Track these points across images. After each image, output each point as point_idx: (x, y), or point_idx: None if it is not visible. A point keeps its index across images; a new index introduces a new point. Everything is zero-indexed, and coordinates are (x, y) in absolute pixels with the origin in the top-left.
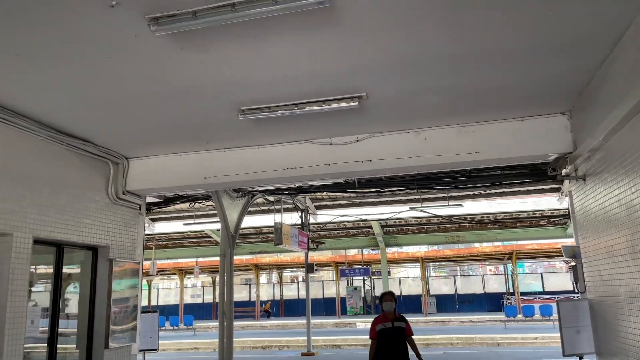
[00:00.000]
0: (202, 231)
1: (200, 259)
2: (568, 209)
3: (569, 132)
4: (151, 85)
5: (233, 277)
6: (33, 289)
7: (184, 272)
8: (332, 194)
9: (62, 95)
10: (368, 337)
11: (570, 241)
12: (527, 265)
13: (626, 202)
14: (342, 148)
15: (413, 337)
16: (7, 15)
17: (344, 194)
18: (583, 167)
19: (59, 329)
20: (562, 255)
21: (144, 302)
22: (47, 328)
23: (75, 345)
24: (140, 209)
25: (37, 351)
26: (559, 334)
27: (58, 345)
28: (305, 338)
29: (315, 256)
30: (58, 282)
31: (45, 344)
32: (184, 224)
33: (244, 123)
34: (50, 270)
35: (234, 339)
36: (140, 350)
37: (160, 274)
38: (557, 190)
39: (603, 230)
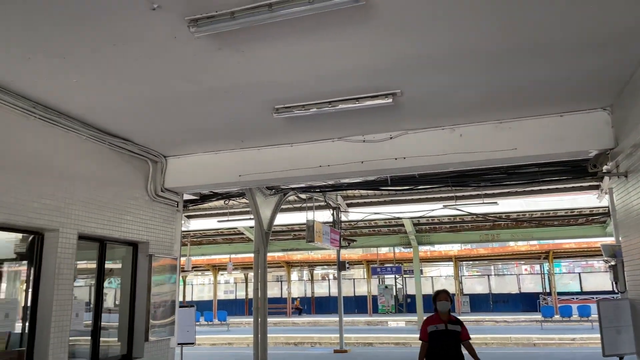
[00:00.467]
0: (235, 228)
1: (233, 256)
2: (608, 206)
3: (610, 127)
4: (189, 85)
5: (267, 273)
6: (74, 283)
7: (217, 268)
8: (363, 192)
9: (105, 95)
10: (418, 337)
11: (610, 240)
12: (563, 265)
13: None
14: (375, 145)
15: (470, 341)
16: (55, 20)
17: (376, 191)
18: (625, 164)
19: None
20: (600, 255)
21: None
22: (90, 321)
23: (116, 338)
24: (177, 206)
25: (81, 343)
26: (598, 335)
27: (100, 338)
28: (337, 335)
29: (347, 254)
30: (101, 277)
31: (89, 337)
32: (218, 221)
33: (278, 121)
34: (89, 265)
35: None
36: (178, 344)
37: (195, 270)
38: (597, 187)
39: None
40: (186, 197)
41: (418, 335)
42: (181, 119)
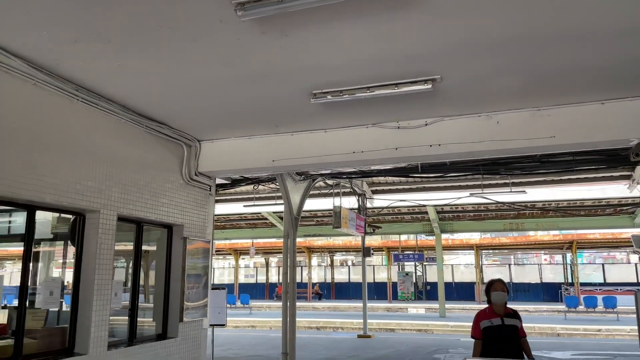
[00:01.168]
0: (259, 213)
1: (255, 240)
2: (639, 197)
3: None
4: (229, 70)
5: (296, 257)
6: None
7: (239, 252)
8: (389, 179)
9: (145, 79)
10: (470, 335)
11: (639, 231)
12: (585, 256)
13: None
14: (410, 132)
15: (526, 338)
16: (105, 2)
17: (402, 178)
18: None
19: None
20: (626, 246)
21: None
22: (127, 302)
23: (152, 319)
24: (210, 190)
25: (119, 323)
26: (623, 327)
27: (137, 318)
28: (358, 320)
29: (367, 241)
30: (138, 258)
31: (126, 316)
32: (244, 206)
33: (313, 107)
34: (125, 246)
35: None
36: (210, 325)
37: (217, 254)
38: (628, 177)
39: None
40: (218, 181)
41: (443, 323)
42: (218, 103)
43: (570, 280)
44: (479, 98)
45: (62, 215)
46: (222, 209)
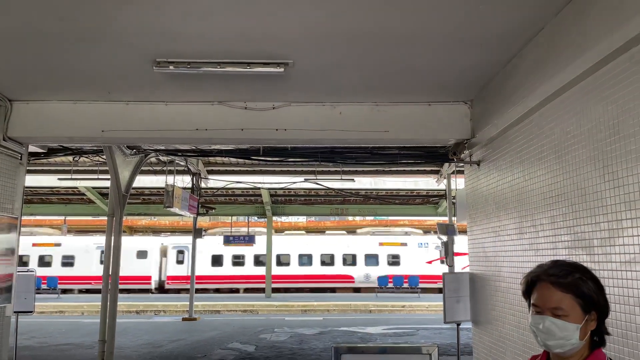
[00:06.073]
0: (76, 188)
1: (69, 218)
2: (444, 190)
3: (468, 120)
4: (55, 22)
5: (121, 238)
6: None
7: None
8: (225, 159)
9: None
10: None
11: (443, 219)
12: None
13: (518, 188)
14: (257, 114)
15: None
16: None
17: (239, 160)
18: (478, 154)
19: None
20: (429, 231)
21: None
22: None
23: None
24: (21, 159)
25: None
26: (422, 303)
27: None
28: (184, 303)
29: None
30: None
31: None
32: (59, 179)
33: (155, 76)
34: None
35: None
36: (14, 312)
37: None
38: (437, 172)
39: (492, 211)
40: (31, 149)
41: (268, 303)
42: (36, 59)
43: None
44: (325, 87)
45: None
46: (31, 180)
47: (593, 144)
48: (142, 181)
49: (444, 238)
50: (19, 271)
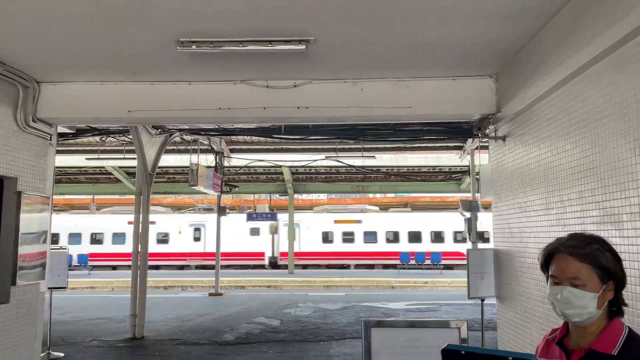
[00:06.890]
0: (103, 167)
1: (97, 197)
2: (468, 165)
3: (494, 94)
4: (82, 3)
5: (149, 216)
6: None
7: (76, 209)
8: (247, 138)
9: None
10: None
11: (466, 195)
12: None
13: (545, 163)
14: (278, 92)
15: None
16: None
17: (261, 138)
18: (503, 129)
19: None
20: (452, 208)
21: None
22: None
23: None
24: (50, 139)
25: None
26: (444, 279)
27: None
28: (210, 279)
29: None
30: None
31: None
32: (87, 159)
33: (179, 56)
34: None
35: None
36: (48, 288)
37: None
38: (460, 148)
39: (518, 187)
40: (59, 129)
41: (292, 279)
42: (64, 41)
43: None
44: (347, 64)
45: None
46: (60, 160)
47: (623, 117)
48: (167, 160)
49: (467, 214)
50: (52, 249)
